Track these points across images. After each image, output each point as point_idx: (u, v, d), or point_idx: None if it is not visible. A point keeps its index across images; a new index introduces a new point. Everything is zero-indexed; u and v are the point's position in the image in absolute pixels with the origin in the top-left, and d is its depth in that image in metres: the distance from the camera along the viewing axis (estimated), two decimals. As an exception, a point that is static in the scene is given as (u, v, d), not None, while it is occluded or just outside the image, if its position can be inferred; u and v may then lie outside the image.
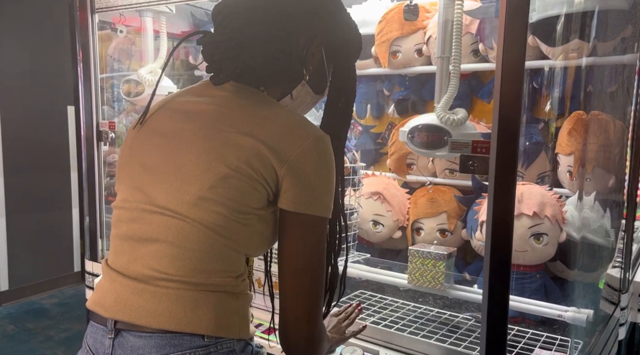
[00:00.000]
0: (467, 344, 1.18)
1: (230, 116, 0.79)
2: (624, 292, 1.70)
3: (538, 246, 1.33)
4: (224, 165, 0.75)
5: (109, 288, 0.79)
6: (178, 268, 0.75)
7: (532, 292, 1.34)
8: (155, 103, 0.88)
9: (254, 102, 0.82)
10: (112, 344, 0.76)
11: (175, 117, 0.82)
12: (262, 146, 0.76)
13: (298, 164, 0.76)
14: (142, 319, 0.74)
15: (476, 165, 1.04)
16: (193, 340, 0.74)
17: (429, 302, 1.47)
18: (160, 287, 0.75)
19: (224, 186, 0.75)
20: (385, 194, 1.65)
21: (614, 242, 1.73)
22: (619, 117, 1.69)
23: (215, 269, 0.77)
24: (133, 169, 0.82)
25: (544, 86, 1.46)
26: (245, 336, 0.80)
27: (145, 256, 0.77)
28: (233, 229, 0.77)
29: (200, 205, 0.75)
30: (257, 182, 0.76)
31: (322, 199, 0.78)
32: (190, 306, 0.74)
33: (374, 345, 1.19)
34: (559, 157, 1.47)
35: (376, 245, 1.72)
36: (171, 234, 0.75)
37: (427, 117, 1.34)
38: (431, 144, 1.30)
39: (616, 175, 1.65)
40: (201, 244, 0.75)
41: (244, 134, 0.76)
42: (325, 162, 0.78)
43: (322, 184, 0.78)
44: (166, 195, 0.77)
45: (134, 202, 0.80)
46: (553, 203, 1.35)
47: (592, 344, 1.31)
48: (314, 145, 0.77)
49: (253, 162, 0.75)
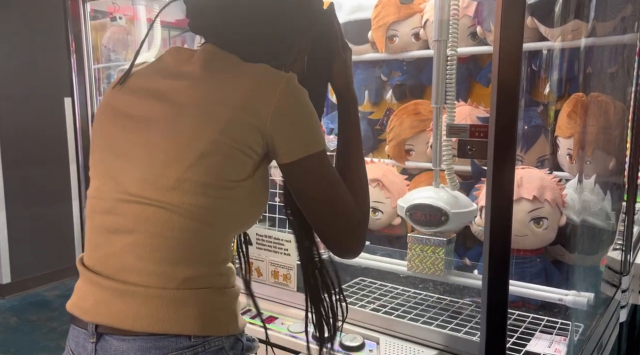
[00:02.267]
0: (468, 329, 1.18)
1: (200, 89, 0.76)
2: (625, 275, 1.70)
3: (538, 230, 1.32)
4: (200, 142, 0.72)
5: (88, 289, 0.76)
6: (157, 260, 0.72)
7: (533, 276, 1.34)
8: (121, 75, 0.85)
9: (222, 68, 0.79)
10: (95, 348, 0.73)
11: (144, 98, 0.79)
12: (238, 111, 0.74)
13: (281, 114, 0.75)
14: (124, 322, 0.71)
15: (474, 149, 1.03)
16: (179, 341, 0.71)
17: (429, 288, 1.47)
18: (141, 286, 0.72)
19: (204, 164, 0.72)
20: (384, 181, 1.64)
21: (614, 225, 1.72)
22: (619, 98, 1.68)
23: (197, 255, 0.74)
24: (104, 155, 0.79)
25: (542, 68, 1.44)
26: (234, 332, 0.78)
27: (122, 250, 0.73)
28: (217, 207, 0.75)
29: (179, 187, 0.72)
30: (239, 152, 0.74)
31: (314, 135, 0.78)
32: (174, 307, 0.72)
33: (374, 333, 1.19)
34: (558, 140, 1.45)
35: (375, 232, 1.71)
36: (149, 223, 0.72)
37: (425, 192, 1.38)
38: (429, 223, 1.33)
39: (617, 158, 1.63)
40: (183, 230, 0.72)
41: (216, 104, 0.74)
42: (302, 98, 0.78)
43: (308, 120, 0.78)
44: (140, 182, 0.74)
45: (107, 191, 0.77)
46: (553, 187, 1.34)
47: (593, 326, 1.30)
48: (287, 88, 0.76)
49: (231, 131, 0.73)
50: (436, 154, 1.35)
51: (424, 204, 1.32)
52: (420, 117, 1.66)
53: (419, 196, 1.36)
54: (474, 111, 1.56)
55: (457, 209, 1.31)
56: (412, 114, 1.68)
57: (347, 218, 0.80)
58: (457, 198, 1.34)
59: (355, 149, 0.92)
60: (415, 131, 1.67)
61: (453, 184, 1.36)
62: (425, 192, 1.37)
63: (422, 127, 1.66)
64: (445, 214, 1.29)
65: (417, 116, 1.67)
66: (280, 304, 1.34)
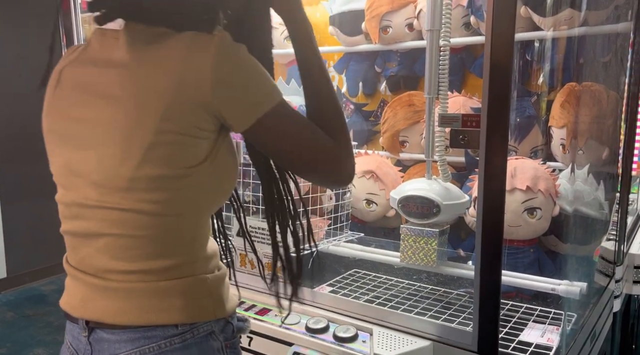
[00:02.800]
0: (461, 320, 1.18)
1: (130, 78, 0.71)
2: (619, 265, 1.70)
3: (531, 221, 1.32)
4: (143, 136, 0.69)
5: (75, 286, 0.77)
6: (132, 258, 0.72)
7: (526, 266, 1.34)
8: (54, 74, 0.81)
9: (147, 48, 0.72)
10: (89, 341, 0.74)
11: (80, 99, 0.75)
12: (174, 92, 0.68)
13: (221, 82, 0.69)
14: (110, 317, 0.72)
15: (467, 139, 1.02)
16: (166, 331, 0.72)
17: (423, 280, 1.47)
18: (122, 282, 0.72)
19: (153, 157, 0.69)
20: (378, 173, 1.64)
21: (608, 215, 1.72)
22: (613, 87, 1.67)
23: (171, 247, 0.73)
24: (57, 162, 0.78)
25: (536, 58, 1.44)
26: (222, 315, 0.78)
27: (97, 251, 0.73)
28: (180, 197, 0.72)
29: (135, 187, 0.70)
30: (188, 137, 0.70)
31: (264, 90, 0.73)
32: (157, 299, 0.72)
33: (367, 324, 1.19)
34: (552, 130, 1.45)
35: (370, 224, 1.71)
36: (115, 226, 0.71)
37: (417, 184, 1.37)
38: (421, 215, 1.32)
39: (610, 147, 1.63)
40: (151, 227, 0.71)
41: (149, 90, 0.69)
42: (240, 56, 0.72)
43: (253, 77, 0.72)
44: (97, 186, 0.72)
45: (69, 197, 0.76)
46: (546, 177, 1.34)
47: (586, 316, 1.31)
48: (219, 52, 0.69)
49: (173, 116, 0.68)
50: (429, 145, 1.35)
51: (416, 195, 1.32)
52: (414, 108, 1.65)
53: (411, 188, 1.36)
54: (467, 102, 1.56)
55: (449, 200, 1.31)
56: (405, 105, 1.67)
57: (326, 157, 0.77)
58: (449, 190, 1.34)
59: (319, 78, 0.83)
60: (409, 122, 1.66)
61: (445, 176, 1.36)
62: (417, 184, 1.37)
63: (416, 119, 1.65)
64: (437, 205, 1.29)
65: (411, 107, 1.66)
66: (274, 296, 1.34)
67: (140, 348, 0.71)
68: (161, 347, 0.71)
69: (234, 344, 0.81)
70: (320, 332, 1.17)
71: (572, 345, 1.13)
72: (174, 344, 0.72)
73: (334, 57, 1.93)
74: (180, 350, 0.72)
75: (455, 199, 1.33)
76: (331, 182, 0.83)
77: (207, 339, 0.75)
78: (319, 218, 1.49)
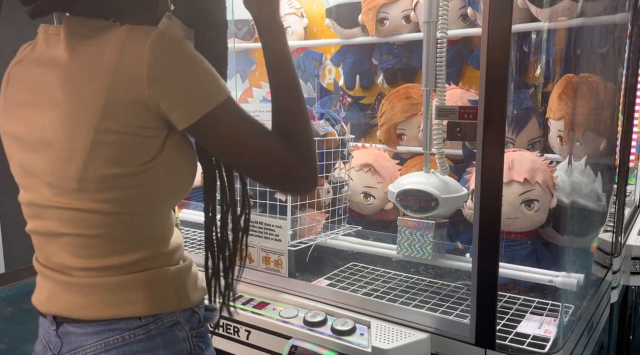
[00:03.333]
0: (459, 312, 1.18)
1: (69, 77, 0.69)
2: (616, 256, 1.70)
3: (529, 213, 1.32)
4: (84, 135, 0.67)
5: (43, 282, 0.79)
6: (92, 256, 0.73)
7: (523, 258, 1.34)
8: (6, 73, 0.80)
9: (86, 43, 0.70)
10: (57, 335, 0.76)
11: (26, 99, 0.74)
12: (110, 89, 0.66)
13: (157, 78, 0.66)
14: (74, 312, 0.74)
15: (464, 131, 1.02)
16: (130, 323, 0.73)
17: (421, 272, 1.47)
18: (84, 278, 0.73)
19: (98, 157, 0.68)
20: (376, 166, 1.63)
21: (605, 206, 1.72)
22: (610, 78, 1.67)
23: (131, 244, 0.74)
24: (14, 163, 0.78)
25: (533, 50, 1.43)
26: (186, 305, 0.78)
27: (58, 250, 0.75)
28: (133, 196, 0.72)
29: (85, 188, 0.69)
30: (132, 136, 0.68)
31: (207, 88, 0.69)
32: (119, 292, 0.73)
33: (365, 317, 1.19)
34: (549, 122, 1.45)
35: (368, 217, 1.71)
36: (72, 226, 0.72)
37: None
38: (419, 208, 1.32)
39: (607, 139, 1.63)
40: (107, 225, 0.72)
41: (87, 88, 0.67)
42: (180, 51, 0.68)
43: (194, 74, 0.69)
44: (51, 187, 0.72)
45: (28, 197, 0.77)
46: (544, 169, 1.34)
47: (584, 307, 1.31)
48: (156, 46, 0.66)
49: (113, 115, 0.66)
50: (426, 138, 1.35)
51: (414, 189, 1.32)
52: (412, 101, 1.65)
53: (409, 182, 1.35)
54: (465, 94, 1.55)
55: (447, 194, 1.31)
56: (403, 98, 1.66)
57: (274, 163, 0.74)
58: (447, 183, 1.34)
59: (283, 74, 0.79)
60: (406, 115, 1.66)
61: (443, 169, 1.35)
62: (416, 178, 1.36)
63: (413, 111, 1.65)
64: (435, 199, 1.29)
65: (409, 100, 1.65)
66: (272, 290, 1.34)
67: (105, 340, 0.72)
68: (125, 338, 0.73)
69: (201, 333, 0.81)
70: (318, 325, 1.17)
71: (570, 336, 1.13)
72: (138, 336, 0.73)
73: (330, 49, 1.92)
74: (145, 341, 0.73)
75: (453, 192, 1.33)
76: (283, 190, 0.80)
77: (172, 329, 0.76)
78: (316, 211, 1.49)
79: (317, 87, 1.90)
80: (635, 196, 2.36)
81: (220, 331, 1.30)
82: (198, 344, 0.79)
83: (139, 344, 0.73)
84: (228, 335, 1.29)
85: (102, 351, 0.72)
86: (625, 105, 1.76)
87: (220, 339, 1.30)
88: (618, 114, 1.73)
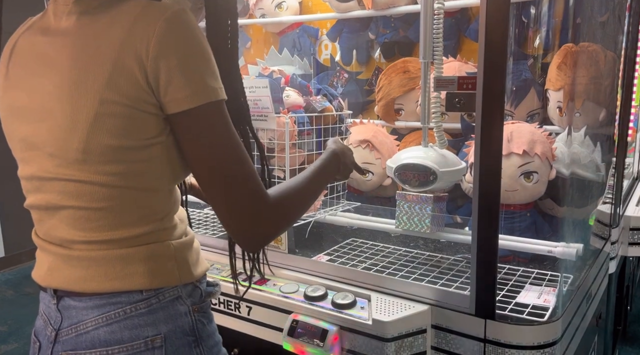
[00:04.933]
0: (459, 284, 1.18)
1: (77, 46, 0.69)
2: (615, 227, 1.71)
3: (528, 185, 1.32)
4: (88, 105, 0.66)
5: (43, 257, 0.78)
6: (94, 229, 0.72)
7: (523, 230, 1.34)
8: (8, 43, 0.78)
9: (100, 13, 0.70)
10: (58, 309, 0.75)
11: (31, 69, 0.73)
12: (117, 60, 0.65)
13: (162, 55, 0.65)
14: (75, 285, 0.73)
15: (462, 102, 1.01)
16: (131, 296, 0.73)
17: (421, 247, 1.48)
18: (84, 251, 0.73)
19: (102, 128, 0.67)
20: (374, 142, 1.62)
21: (604, 177, 1.72)
22: (610, 47, 1.65)
23: (134, 219, 0.73)
24: (16, 136, 0.77)
25: (532, 20, 1.41)
26: (188, 280, 0.78)
27: (59, 224, 0.74)
28: (137, 170, 0.71)
29: (89, 159, 0.68)
30: (135, 110, 0.67)
31: (206, 81, 0.68)
32: (120, 265, 0.72)
33: (365, 290, 1.19)
34: (548, 93, 1.43)
35: (366, 193, 1.70)
36: (74, 198, 0.71)
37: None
38: (418, 183, 1.31)
39: (607, 108, 1.62)
40: (110, 199, 0.71)
41: (94, 57, 0.66)
42: (190, 35, 0.67)
43: (197, 63, 0.68)
44: (53, 158, 0.71)
45: (29, 170, 0.75)
46: (543, 140, 1.33)
47: (582, 277, 1.32)
48: (170, 24, 0.66)
49: (117, 86, 0.66)
50: (424, 112, 1.33)
51: (412, 163, 1.31)
52: (409, 75, 1.63)
53: (407, 156, 1.34)
54: (463, 67, 1.54)
55: (446, 167, 1.30)
56: (400, 72, 1.65)
57: (243, 188, 0.70)
58: (446, 157, 1.33)
59: (315, 181, 0.86)
60: (404, 90, 1.64)
61: (442, 142, 1.35)
62: (414, 152, 1.36)
63: (411, 86, 1.63)
64: (433, 173, 1.28)
65: (406, 74, 1.64)
66: (272, 266, 1.34)
67: (106, 314, 0.72)
68: (127, 312, 0.73)
69: (203, 307, 0.81)
70: (319, 299, 1.18)
71: (568, 305, 1.14)
72: (140, 309, 0.73)
73: (326, 24, 1.89)
74: (146, 315, 0.73)
75: (452, 166, 1.32)
76: (230, 222, 0.72)
77: (174, 303, 0.76)
78: (315, 188, 1.48)
79: (313, 63, 1.88)
80: (633, 168, 2.37)
81: (221, 307, 1.31)
82: (200, 319, 0.80)
83: (140, 318, 0.73)
84: (229, 311, 1.30)
85: (104, 325, 0.72)
86: (624, 79, 1.75)
87: (221, 315, 1.31)
88: (618, 81, 1.72)
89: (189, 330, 0.77)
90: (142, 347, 0.73)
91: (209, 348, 0.80)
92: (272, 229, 0.75)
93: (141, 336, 0.73)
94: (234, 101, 0.79)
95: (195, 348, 0.78)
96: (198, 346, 0.78)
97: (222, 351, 0.85)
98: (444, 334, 1.10)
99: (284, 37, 1.94)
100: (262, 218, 0.72)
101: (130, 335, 0.72)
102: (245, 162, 0.71)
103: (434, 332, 1.11)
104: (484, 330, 1.04)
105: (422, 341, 1.10)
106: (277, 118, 1.34)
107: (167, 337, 0.74)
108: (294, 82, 1.50)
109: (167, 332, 0.74)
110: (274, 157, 1.40)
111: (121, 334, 0.72)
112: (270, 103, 1.33)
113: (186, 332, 0.77)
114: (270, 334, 1.24)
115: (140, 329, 0.73)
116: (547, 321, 1.04)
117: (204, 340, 0.79)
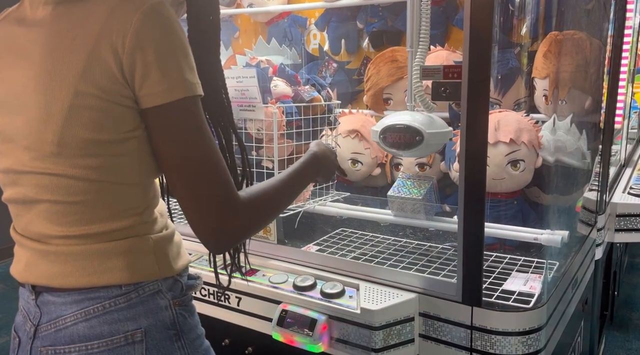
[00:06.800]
0: (446, 272, 1.19)
1: (52, 36, 0.68)
2: (601, 213, 1.73)
3: (515, 173, 1.33)
4: (63, 97, 0.66)
5: (20, 252, 0.77)
6: (71, 223, 0.71)
7: (509, 218, 1.35)
8: None
9: (76, 1, 0.69)
10: (37, 305, 0.75)
11: (7, 60, 0.72)
12: (92, 51, 0.64)
13: (138, 47, 0.64)
14: (53, 281, 0.72)
15: (448, 91, 1.01)
16: (110, 291, 0.72)
17: (409, 236, 1.48)
18: (62, 246, 0.72)
19: (77, 121, 0.66)
20: (363, 131, 1.63)
21: (590, 164, 1.74)
22: (596, 35, 1.65)
23: (112, 213, 0.72)
24: None
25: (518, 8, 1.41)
26: (168, 274, 0.77)
27: (36, 218, 0.73)
28: (114, 164, 0.70)
29: (64, 153, 0.68)
30: (111, 103, 0.66)
31: (183, 75, 0.67)
32: (98, 260, 0.71)
33: (354, 280, 1.20)
34: (535, 82, 1.44)
35: (356, 183, 1.71)
36: (50, 192, 0.70)
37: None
38: (403, 145, 1.27)
39: (592, 96, 1.63)
40: (86, 193, 0.70)
41: (71, 48, 0.66)
42: (168, 32, 0.66)
43: (175, 58, 0.67)
44: (29, 151, 0.70)
45: (5, 163, 0.74)
46: (529, 128, 1.34)
47: (568, 264, 1.33)
48: (146, 18, 0.65)
49: (92, 78, 0.65)
50: (411, 92, 1.31)
51: (398, 124, 1.27)
52: (398, 64, 1.63)
53: (392, 119, 1.30)
54: (451, 56, 1.54)
55: (432, 129, 1.25)
56: (389, 62, 1.64)
57: (212, 188, 0.69)
58: (433, 118, 1.29)
59: (290, 185, 0.86)
60: (392, 79, 1.64)
61: (428, 107, 1.30)
62: (400, 115, 1.31)
63: (399, 75, 1.63)
64: (420, 133, 1.23)
65: (395, 63, 1.63)
66: (261, 257, 1.35)
67: (85, 309, 0.72)
68: (106, 307, 0.72)
69: (184, 301, 0.80)
70: (308, 289, 1.19)
71: (554, 291, 1.16)
72: (119, 304, 0.72)
73: (315, 13, 1.88)
74: (126, 310, 0.73)
75: (439, 128, 1.27)
76: (197, 222, 0.70)
77: (154, 298, 0.75)
78: (304, 178, 1.48)
79: (302, 53, 1.87)
80: (620, 155, 2.39)
81: (211, 298, 1.31)
82: (181, 312, 0.79)
83: (119, 313, 0.72)
84: (219, 302, 1.30)
85: (82, 320, 0.71)
86: (611, 66, 1.75)
87: (211, 306, 1.31)
88: (604, 69, 1.72)
89: (170, 323, 0.77)
90: (122, 342, 0.72)
91: (190, 341, 0.79)
92: (239, 231, 0.73)
93: (121, 331, 0.72)
94: (214, 97, 0.79)
95: (176, 342, 0.77)
96: (180, 339, 0.78)
97: (204, 344, 0.84)
98: (432, 322, 1.11)
99: (273, 26, 1.93)
100: (230, 219, 0.71)
101: (110, 330, 0.72)
102: (216, 160, 0.70)
103: (421, 320, 1.12)
104: (470, 317, 1.06)
105: (410, 329, 1.11)
106: (265, 108, 1.33)
107: (148, 331, 0.74)
108: (282, 72, 1.49)
109: (148, 326, 0.74)
110: (262, 147, 1.40)
111: (100, 328, 0.71)
112: (258, 93, 1.33)
113: (167, 326, 0.76)
114: (260, 324, 1.24)
115: (120, 323, 0.72)
116: (533, 307, 1.05)
117: (185, 333, 0.79)
